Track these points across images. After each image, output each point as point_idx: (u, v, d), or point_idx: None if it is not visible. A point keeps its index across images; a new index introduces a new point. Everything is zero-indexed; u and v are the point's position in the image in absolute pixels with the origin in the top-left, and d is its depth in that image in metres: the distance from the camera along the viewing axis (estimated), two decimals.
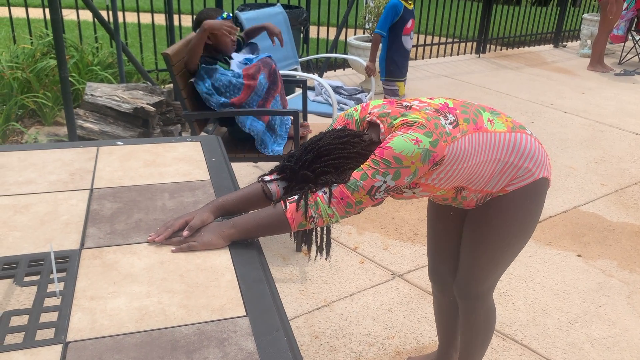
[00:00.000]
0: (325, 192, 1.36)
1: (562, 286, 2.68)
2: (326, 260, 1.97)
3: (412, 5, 3.78)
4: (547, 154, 1.67)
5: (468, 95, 5.66)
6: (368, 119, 1.49)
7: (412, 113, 1.43)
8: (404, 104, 1.49)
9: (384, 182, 1.36)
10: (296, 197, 1.37)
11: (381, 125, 1.45)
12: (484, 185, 1.52)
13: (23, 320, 1.05)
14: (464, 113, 1.48)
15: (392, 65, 3.83)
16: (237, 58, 2.89)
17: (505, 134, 1.50)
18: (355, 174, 1.37)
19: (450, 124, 1.43)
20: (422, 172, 1.39)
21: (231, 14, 2.84)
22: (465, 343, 1.86)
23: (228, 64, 2.89)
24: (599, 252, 2.99)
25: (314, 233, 1.47)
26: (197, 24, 2.79)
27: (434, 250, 1.87)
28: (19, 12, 6.44)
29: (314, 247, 1.51)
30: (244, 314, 1.09)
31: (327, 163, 1.39)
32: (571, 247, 3.02)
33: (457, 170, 1.45)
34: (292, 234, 1.44)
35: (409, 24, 3.76)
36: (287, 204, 1.36)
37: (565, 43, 8.69)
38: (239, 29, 3.03)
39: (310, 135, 3.36)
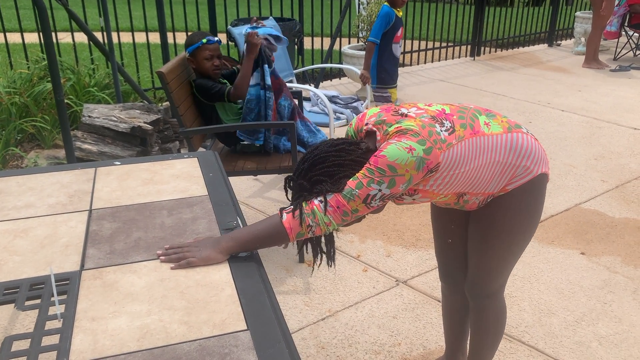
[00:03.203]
0: (321, 201, 1.37)
1: (567, 285, 2.67)
2: (330, 267, 1.97)
3: (401, 13, 3.82)
4: (544, 150, 1.68)
5: (464, 98, 5.67)
6: (365, 128, 1.51)
7: (407, 120, 1.44)
8: (401, 111, 1.50)
9: (379, 190, 1.37)
10: (292, 206, 1.37)
11: (377, 133, 1.46)
12: (485, 188, 1.54)
13: (25, 344, 1.05)
14: (461, 118, 1.49)
15: (383, 73, 3.86)
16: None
17: (502, 135, 1.51)
18: (351, 183, 1.38)
19: (446, 130, 1.44)
20: (417, 179, 1.40)
21: (216, 38, 2.88)
22: (476, 343, 1.86)
23: (224, 84, 2.94)
24: (602, 249, 2.99)
25: (317, 242, 1.48)
26: (185, 47, 2.88)
27: (442, 249, 1.87)
28: (15, 38, 6.49)
29: (317, 256, 1.52)
30: (245, 327, 1.09)
31: (321, 171, 1.40)
32: (574, 245, 3.02)
33: (454, 175, 1.46)
34: (293, 244, 1.45)
35: (399, 32, 3.80)
36: (284, 214, 1.37)
37: (559, 42, 8.72)
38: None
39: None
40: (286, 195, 1.51)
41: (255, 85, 2.87)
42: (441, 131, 1.43)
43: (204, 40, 2.80)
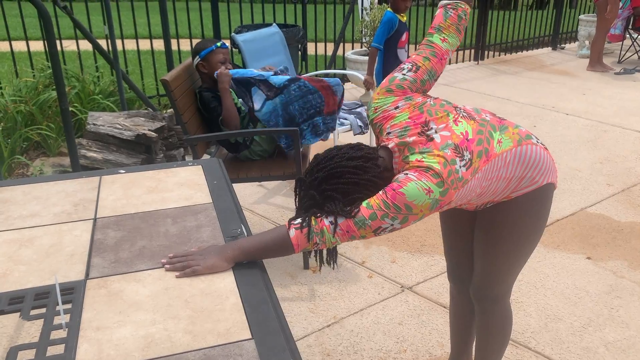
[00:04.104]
0: (332, 223, 1.37)
1: (573, 290, 2.66)
2: (333, 269, 1.97)
3: (406, 18, 3.82)
4: (553, 160, 1.67)
5: (469, 103, 5.67)
6: (385, 142, 1.46)
7: (430, 155, 1.39)
8: (429, 130, 1.44)
9: (392, 224, 1.38)
10: (301, 221, 1.38)
11: (396, 155, 1.45)
12: (488, 198, 1.54)
13: (30, 354, 1.05)
14: (479, 144, 1.45)
15: None
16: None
17: (511, 150, 1.49)
18: (364, 211, 1.37)
19: (464, 165, 1.41)
20: (428, 216, 1.41)
21: (226, 43, 2.90)
22: (482, 348, 1.85)
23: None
24: (608, 253, 2.97)
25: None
26: (193, 55, 2.89)
27: (451, 249, 1.87)
28: (20, 46, 6.53)
29: (320, 261, 1.52)
30: (250, 336, 1.09)
31: (335, 187, 1.39)
32: (580, 250, 3.00)
33: (462, 198, 1.46)
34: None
35: (404, 36, 3.80)
36: (293, 229, 1.37)
37: (563, 45, 8.70)
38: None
39: None
40: (295, 200, 1.50)
41: (261, 105, 2.87)
42: (459, 168, 1.40)
43: (218, 44, 2.83)
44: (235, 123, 2.79)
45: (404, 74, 1.54)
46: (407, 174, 1.38)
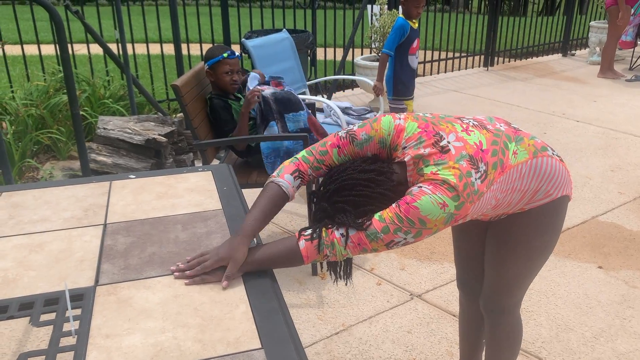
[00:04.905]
0: (343, 235, 1.35)
1: (585, 299, 2.63)
2: (346, 284, 1.95)
3: (417, 25, 3.81)
4: (568, 171, 1.65)
5: (478, 109, 5.64)
6: (400, 156, 1.41)
7: (445, 167, 1.35)
8: (442, 141, 1.40)
9: (405, 239, 1.35)
10: (311, 232, 1.36)
11: (410, 168, 1.40)
12: (502, 210, 1.52)
13: None
14: (494, 155, 1.42)
15: (400, 85, 3.85)
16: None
17: (527, 162, 1.47)
18: (377, 224, 1.34)
19: (479, 178, 1.37)
20: (442, 230, 1.38)
21: (236, 52, 2.89)
22: (492, 358, 1.83)
23: (238, 99, 2.95)
24: (620, 262, 2.94)
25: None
26: (204, 60, 2.89)
27: (460, 259, 1.86)
28: (31, 49, 6.58)
29: (334, 275, 1.51)
30: (260, 346, 1.08)
31: (347, 199, 1.37)
32: (591, 259, 2.97)
33: (475, 214, 1.44)
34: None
35: (415, 43, 3.79)
36: (303, 240, 1.35)
37: (573, 51, 8.66)
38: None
39: None
40: (308, 213, 1.50)
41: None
42: (475, 181, 1.36)
43: (225, 55, 2.81)
44: (244, 145, 2.81)
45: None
46: (421, 187, 1.34)
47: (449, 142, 1.40)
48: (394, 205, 1.35)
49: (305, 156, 1.49)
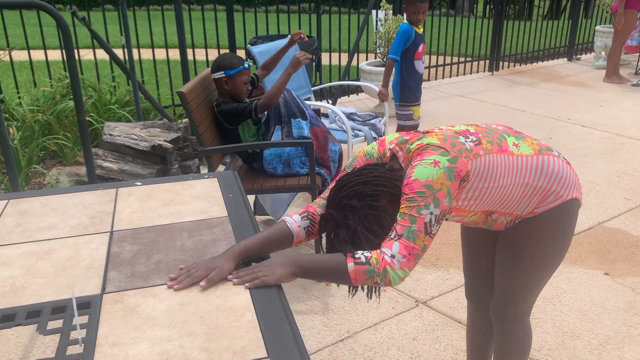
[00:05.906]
0: (393, 257, 1.33)
1: (591, 306, 2.62)
2: (371, 298, 1.92)
3: (422, 30, 3.81)
4: (577, 175, 1.65)
5: (483, 114, 5.64)
6: (390, 147, 1.51)
7: (429, 136, 1.45)
8: (422, 132, 1.52)
9: (431, 213, 1.35)
10: (361, 256, 1.34)
11: (400, 153, 1.47)
12: (513, 208, 1.52)
13: None
14: (487, 136, 1.49)
15: (406, 90, 3.85)
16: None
17: (532, 157, 1.49)
18: (403, 222, 1.35)
19: (472, 142, 1.45)
20: (455, 190, 1.39)
21: (250, 63, 2.92)
22: None
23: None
24: (627, 269, 2.93)
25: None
26: (216, 68, 2.85)
27: (470, 269, 1.85)
28: (38, 55, 6.62)
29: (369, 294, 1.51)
30: (265, 355, 1.08)
31: (355, 189, 1.41)
32: (598, 266, 2.96)
33: (485, 189, 1.45)
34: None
35: (420, 48, 3.79)
36: (352, 263, 1.33)
37: (579, 56, 8.65)
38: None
39: None
40: (320, 241, 1.51)
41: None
42: (466, 142, 1.44)
43: (246, 65, 2.86)
44: (275, 102, 2.84)
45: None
46: (411, 164, 1.41)
47: (431, 130, 1.51)
48: (402, 198, 1.39)
49: (314, 201, 1.55)
